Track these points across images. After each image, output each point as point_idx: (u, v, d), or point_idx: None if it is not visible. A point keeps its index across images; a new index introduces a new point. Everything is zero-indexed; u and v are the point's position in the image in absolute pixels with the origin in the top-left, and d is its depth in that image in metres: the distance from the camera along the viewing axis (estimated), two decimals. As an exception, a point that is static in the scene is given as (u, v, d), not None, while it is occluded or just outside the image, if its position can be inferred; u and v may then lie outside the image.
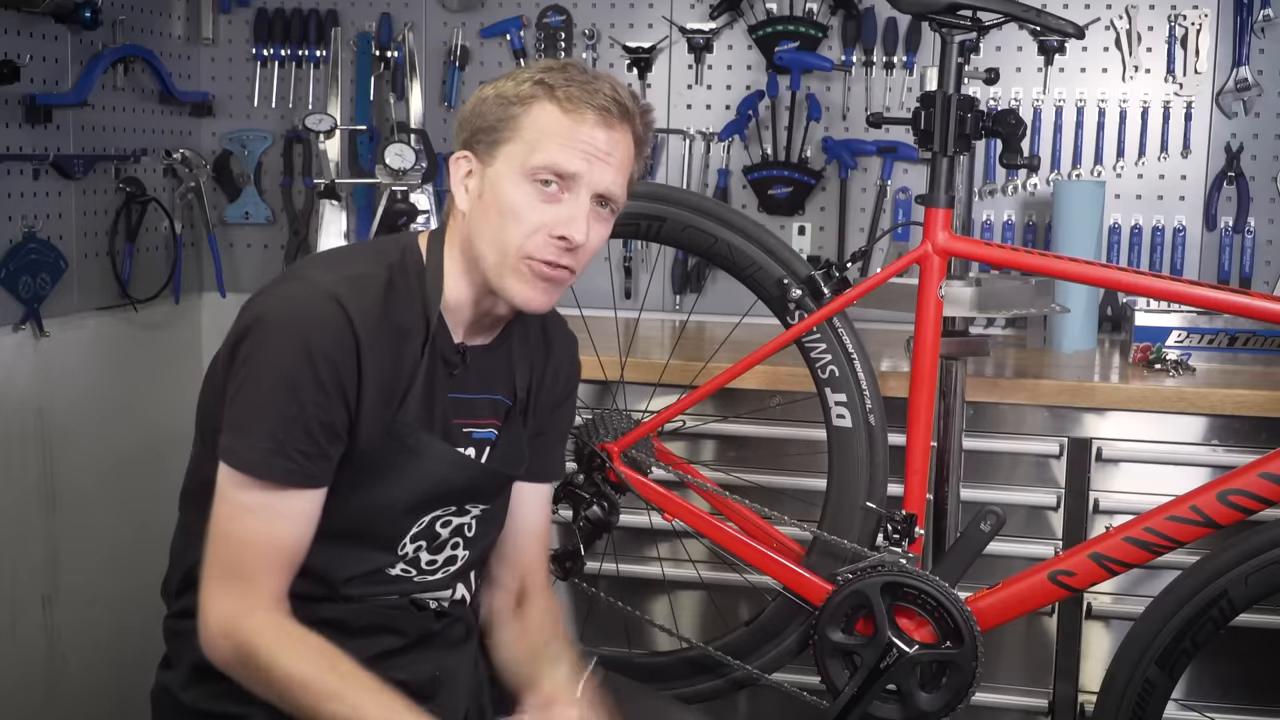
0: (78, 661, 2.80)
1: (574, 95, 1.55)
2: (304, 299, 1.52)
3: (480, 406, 1.68)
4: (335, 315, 1.50)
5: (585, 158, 1.55)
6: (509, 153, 1.56)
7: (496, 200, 1.56)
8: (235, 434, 1.51)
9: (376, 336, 1.52)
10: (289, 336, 1.49)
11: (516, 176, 1.55)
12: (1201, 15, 2.93)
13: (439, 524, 1.65)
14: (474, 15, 3.23)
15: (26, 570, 2.69)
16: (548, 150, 1.54)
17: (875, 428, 2.11)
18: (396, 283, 1.57)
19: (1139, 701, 1.96)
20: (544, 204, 1.55)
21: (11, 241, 2.67)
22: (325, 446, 1.52)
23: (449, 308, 1.62)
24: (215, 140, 3.33)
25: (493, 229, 1.56)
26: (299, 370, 1.48)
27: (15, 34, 2.64)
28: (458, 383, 1.64)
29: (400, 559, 1.64)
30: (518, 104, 1.56)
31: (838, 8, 3.05)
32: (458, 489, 1.65)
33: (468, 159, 1.60)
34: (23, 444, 2.68)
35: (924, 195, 2.07)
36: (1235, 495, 1.89)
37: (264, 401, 1.50)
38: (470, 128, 1.60)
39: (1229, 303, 1.99)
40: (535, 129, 1.55)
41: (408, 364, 1.57)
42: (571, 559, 2.15)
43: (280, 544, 1.53)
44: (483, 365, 1.67)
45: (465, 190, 1.60)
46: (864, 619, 2.05)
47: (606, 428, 2.22)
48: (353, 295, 1.51)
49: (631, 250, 3.20)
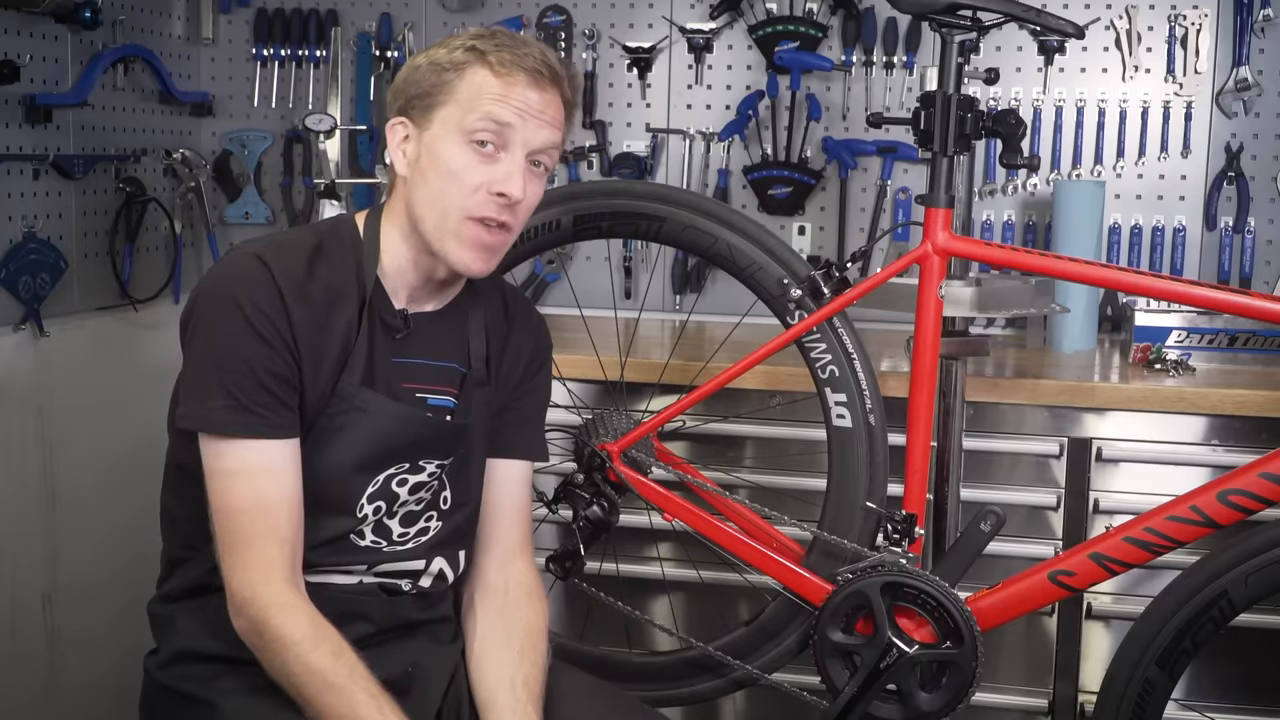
0: (78, 661, 2.80)
1: (505, 59, 1.61)
2: (230, 265, 1.60)
3: (431, 372, 1.71)
4: (258, 271, 1.57)
5: (519, 114, 1.61)
6: (444, 116, 1.61)
7: (435, 162, 1.61)
8: (193, 399, 1.57)
9: (302, 293, 1.58)
10: (220, 299, 1.56)
11: (454, 137, 1.60)
12: (1201, 15, 2.93)
13: (394, 483, 1.67)
14: (474, 15, 3.23)
15: (26, 569, 2.69)
16: (483, 106, 1.60)
17: (875, 428, 2.11)
18: (326, 247, 1.63)
19: (1139, 701, 1.96)
20: (481, 164, 1.61)
21: (11, 241, 2.67)
22: (282, 396, 1.56)
23: (388, 273, 1.66)
24: (215, 140, 3.33)
25: (432, 191, 1.62)
26: (235, 327, 1.55)
27: (15, 34, 2.64)
28: (401, 347, 1.67)
29: (363, 522, 1.65)
30: (451, 70, 1.61)
31: (838, 8, 3.05)
32: (406, 443, 1.66)
33: (404, 125, 1.64)
34: (23, 443, 2.68)
35: (924, 195, 2.07)
36: (1235, 495, 1.89)
37: (212, 363, 1.56)
38: (404, 95, 1.65)
39: (1229, 303, 1.98)
40: (469, 91, 1.60)
41: (342, 325, 1.61)
42: (571, 559, 2.15)
43: (270, 505, 1.56)
44: (431, 332, 1.70)
45: (403, 155, 1.64)
46: (864, 619, 2.05)
47: (606, 428, 2.22)
48: (275, 255, 1.59)
49: (631, 250, 3.20)
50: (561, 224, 2.19)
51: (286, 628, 1.53)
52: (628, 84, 3.20)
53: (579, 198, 2.20)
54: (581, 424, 2.25)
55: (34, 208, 2.73)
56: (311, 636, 1.54)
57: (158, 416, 1.75)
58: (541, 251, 2.36)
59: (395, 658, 1.67)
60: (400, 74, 1.67)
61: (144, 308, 3.04)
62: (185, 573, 1.66)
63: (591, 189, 2.24)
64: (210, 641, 1.63)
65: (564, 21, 3.19)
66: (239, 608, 1.56)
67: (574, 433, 2.25)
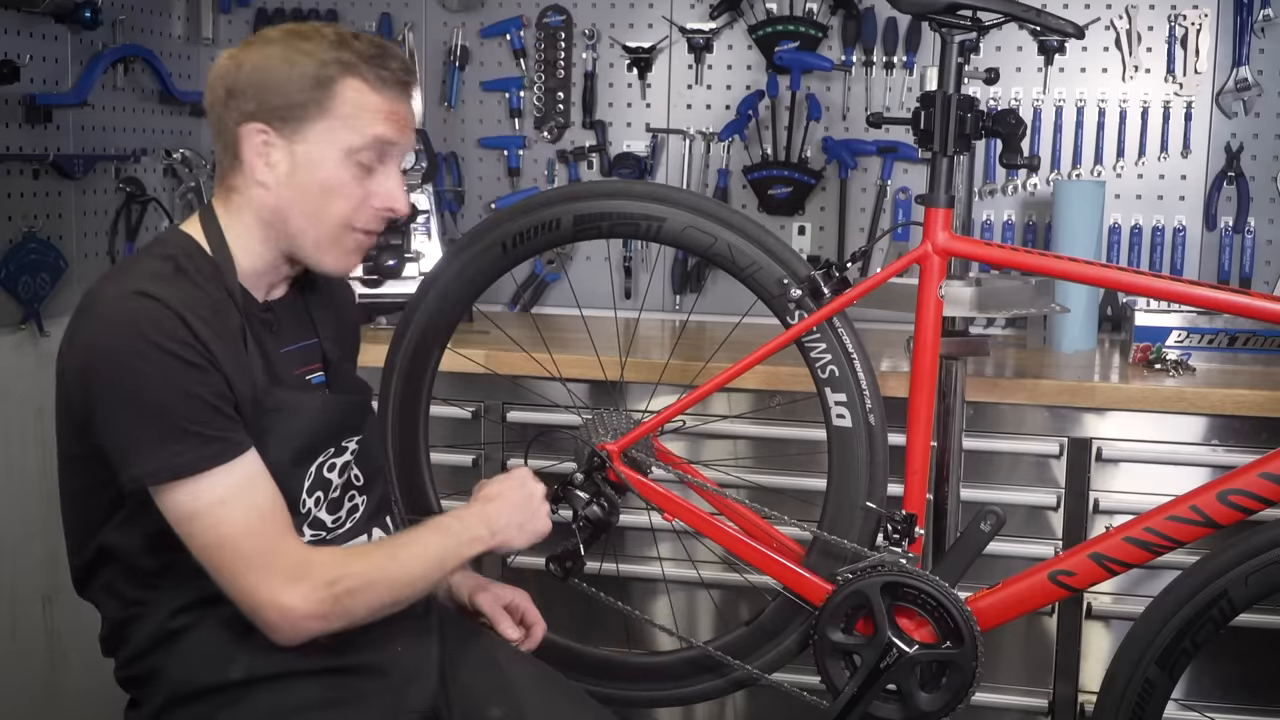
0: (78, 661, 2.80)
1: (381, 75, 1.60)
2: (117, 312, 1.50)
3: (304, 354, 1.72)
4: (152, 306, 1.50)
5: (399, 130, 1.62)
6: (323, 131, 1.58)
7: (316, 180, 1.59)
8: (149, 454, 1.49)
9: (195, 314, 1.53)
10: (131, 345, 1.48)
11: (338, 156, 1.59)
12: (1201, 15, 2.93)
13: (325, 469, 1.68)
14: (474, 15, 3.23)
15: (27, 569, 2.69)
16: (370, 127, 1.59)
17: (875, 427, 2.11)
18: (184, 266, 1.58)
19: (1139, 701, 1.96)
20: (362, 179, 1.61)
21: (11, 241, 2.67)
22: (229, 413, 1.54)
23: (244, 273, 1.64)
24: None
25: (313, 205, 1.60)
26: (162, 366, 1.48)
27: (15, 34, 2.64)
28: (280, 338, 1.68)
29: (305, 519, 1.65)
30: (320, 85, 1.57)
31: (838, 8, 3.05)
32: (327, 428, 1.68)
33: (264, 131, 1.59)
34: (23, 444, 2.68)
35: (924, 195, 2.07)
36: (1235, 495, 1.89)
37: (155, 411, 1.49)
38: (258, 100, 1.58)
39: (1229, 303, 1.98)
40: (348, 108, 1.58)
41: (234, 334, 1.58)
42: (571, 559, 2.15)
43: (268, 509, 1.55)
44: (289, 316, 1.71)
45: (265, 164, 1.60)
46: (864, 619, 2.05)
47: (606, 428, 2.22)
48: (154, 286, 1.52)
49: (631, 250, 3.20)
50: (561, 224, 2.19)
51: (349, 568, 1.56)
52: (628, 84, 3.20)
53: (579, 198, 2.20)
54: (581, 424, 2.25)
55: (34, 208, 2.73)
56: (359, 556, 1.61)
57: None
58: (541, 251, 2.36)
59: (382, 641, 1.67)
60: (243, 73, 1.59)
61: (144, 308, 3.04)
62: (144, 626, 1.62)
63: (591, 189, 2.24)
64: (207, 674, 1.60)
65: (564, 21, 3.19)
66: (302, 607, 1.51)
67: (574, 433, 2.25)
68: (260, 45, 1.61)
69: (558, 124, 3.23)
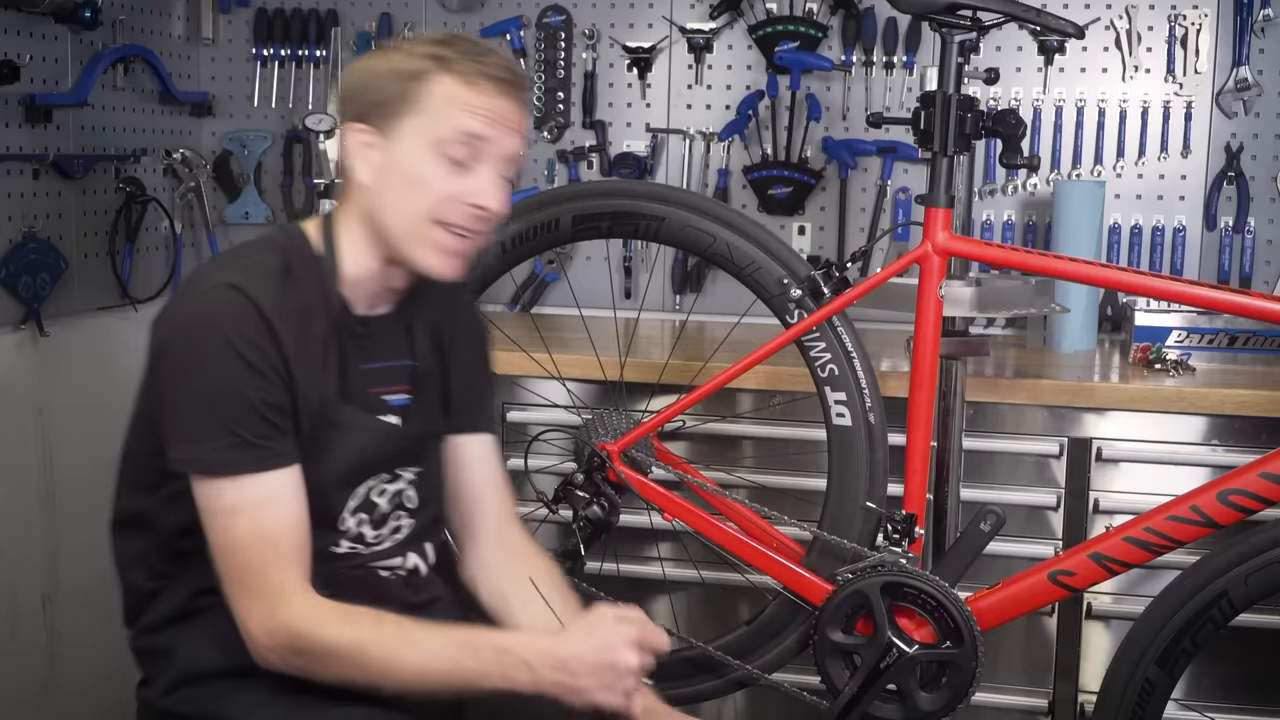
0: (77, 661, 2.80)
1: (471, 67, 1.58)
2: (207, 299, 1.54)
3: (391, 374, 1.70)
4: (241, 303, 1.52)
5: (490, 123, 1.59)
6: (412, 126, 1.58)
7: (404, 172, 1.58)
8: (190, 443, 1.52)
9: (284, 317, 1.54)
10: (205, 336, 1.52)
11: (424, 149, 1.58)
12: (1201, 15, 2.93)
13: (374, 494, 1.67)
14: (474, 15, 3.23)
15: (26, 570, 2.69)
16: (454, 118, 1.57)
17: (875, 427, 2.11)
18: (293, 266, 1.60)
19: (1139, 701, 1.96)
20: (453, 174, 1.58)
21: (11, 241, 2.67)
22: (280, 424, 1.54)
23: (349, 282, 1.63)
24: (215, 140, 3.33)
25: (400, 199, 1.59)
26: (227, 362, 1.51)
27: (15, 34, 2.64)
28: (366, 353, 1.66)
29: (344, 535, 1.65)
30: (413, 79, 1.58)
31: (838, 8, 3.05)
32: (386, 455, 1.67)
33: (364, 131, 1.60)
34: (23, 444, 2.68)
35: (924, 195, 2.07)
36: (1235, 495, 1.89)
37: (206, 402, 1.52)
38: (360, 100, 1.60)
39: (1229, 303, 1.98)
40: (437, 101, 1.57)
41: (318, 342, 1.59)
42: (572, 559, 2.15)
43: (280, 533, 1.54)
44: (385, 333, 1.70)
45: (365, 163, 1.60)
46: (864, 619, 2.05)
47: (606, 428, 2.22)
48: (252, 282, 1.54)
49: (631, 250, 3.20)
50: (561, 224, 2.19)
51: (321, 632, 1.52)
52: (628, 84, 3.20)
53: (579, 198, 2.20)
54: (581, 424, 2.25)
55: (34, 208, 2.73)
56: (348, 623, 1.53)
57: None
58: (541, 251, 2.36)
59: None
60: (352, 77, 1.63)
61: (144, 308, 3.04)
62: (166, 600, 1.64)
63: (591, 189, 2.24)
64: (218, 658, 1.61)
65: (564, 21, 3.19)
66: (265, 644, 1.53)
67: (574, 433, 2.25)
68: (372, 53, 1.65)
69: (558, 124, 3.22)
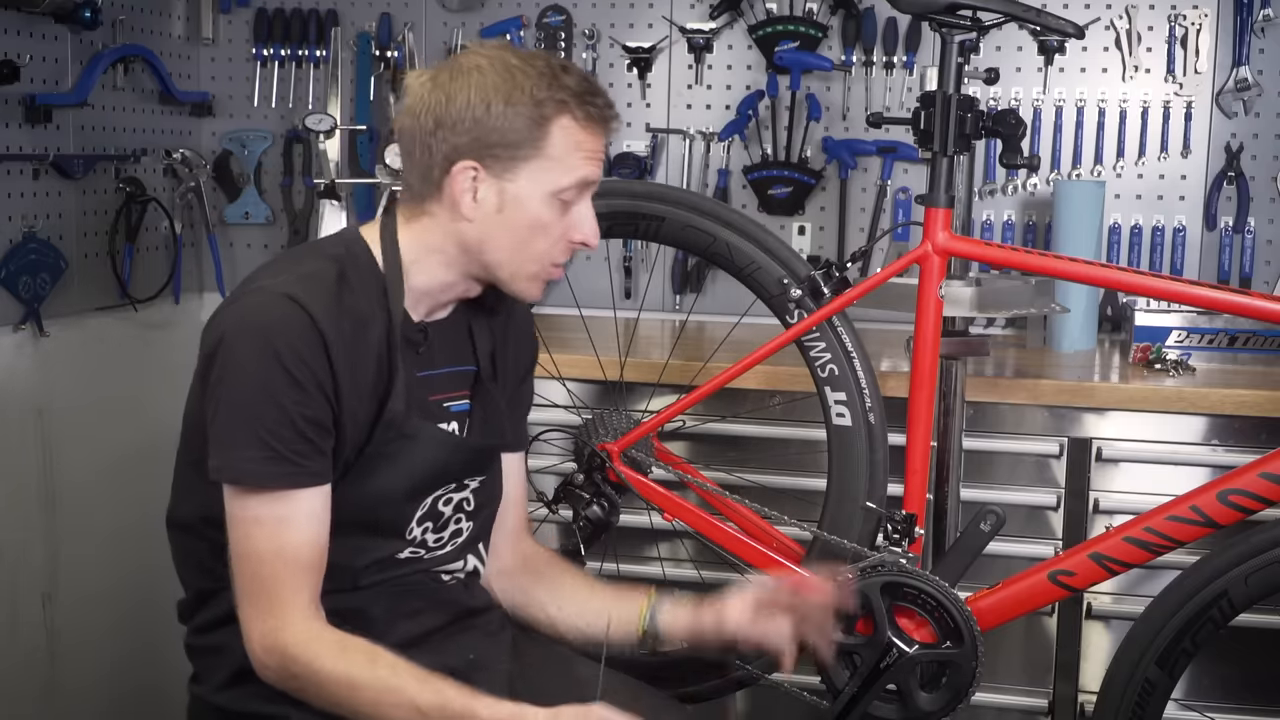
0: (77, 660, 2.80)
1: (592, 114, 1.60)
2: (262, 307, 1.54)
3: (450, 380, 1.72)
4: (296, 315, 1.52)
5: (600, 167, 1.63)
6: (534, 171, 1.59)
7: (524, 218, 1.60)
8: (225, 450, 1.53)
9: (338, 328, 1.54)
10: (255, 345, 1.51)
11: (545, 195, 1.60)
12: (1201, 15, 2.93)
13: (440, 503, 1.68)
14: (474, 15, 3.23)
15: (26, 569, 2.69)
16: (578, 169, 1.60)
17: (875, 427, 2.11)
18: (348, 274, 1.59)
19: (1139, 701, 1.96)
20: (562, 215, 1.62)
21: (11, 241, 2.67)
22: (318, 442, 1.53)
23: (413, 291, 1.64)
24: (215, 140, 3.33)
25: (514, 239, 1.61)
26: (273, 374, 1.50)
27: (15, 34, 2.64)
28: (425, 360, 1.67)
29: (409, 544, 1.67)
30: (536, 125, 1.57)
31: (838, 8, 3.05)
32: (455, 467, 1.68)
33: (476, 169, 1.58)
34: (23, 444, 2.68)
35: (924, 195, 2.07)
36: (1235, 495, 1.89)
37: (246, 412, 1.51)
38: (475, 137, 1.57)
39: (1229, 303, 1.99)
40: (561, 148, 1.59)
41: (374, 351, 1.59)
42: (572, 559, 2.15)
43: (295, 552, 1.54)
44: (444, 339, 1.70)
45: (473, 199, 1.59)
46: (864, 619, 2.05)
47: (606, 428, 2.22)
48: (308, 292, 1.53)
49: (631, 250, 3.20)
50: (561, 224, 2.19)
51: (314, 661, 1.52)
52: (628, 84, 3.20)
53: (579, 198, 2.20)
54: (581, 424, 2.25)
55: (34, 208, 2.73)
56: (342, 658, 1.53)
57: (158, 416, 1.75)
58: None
59: (456, 649, 1.69)
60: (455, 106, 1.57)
61: (144, 308, 3.04)
62: (221, 602, 1.63)
63: (591, 189, 2.23)
64: None
65: (564, 21, 3.19)
66: (262, 660, 1.54)
67: (574, 433, 2.25)
68: (471, 75, 1.57)
69: (558, 124, 3.22)
